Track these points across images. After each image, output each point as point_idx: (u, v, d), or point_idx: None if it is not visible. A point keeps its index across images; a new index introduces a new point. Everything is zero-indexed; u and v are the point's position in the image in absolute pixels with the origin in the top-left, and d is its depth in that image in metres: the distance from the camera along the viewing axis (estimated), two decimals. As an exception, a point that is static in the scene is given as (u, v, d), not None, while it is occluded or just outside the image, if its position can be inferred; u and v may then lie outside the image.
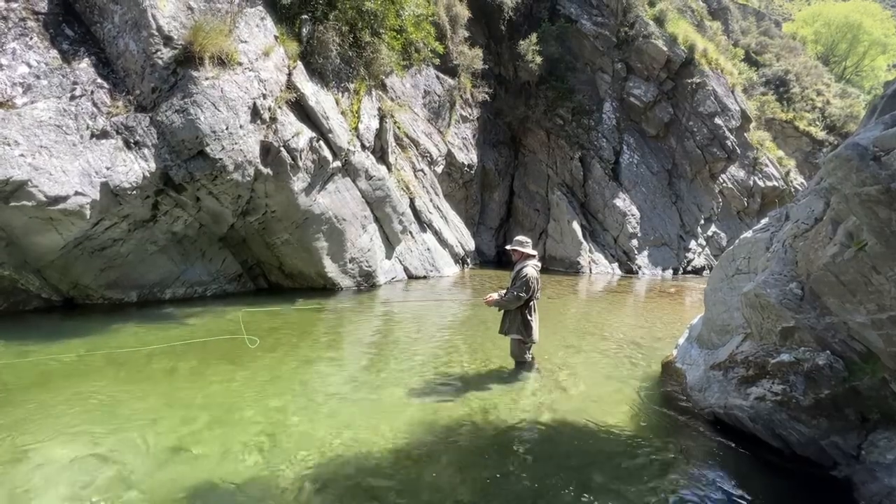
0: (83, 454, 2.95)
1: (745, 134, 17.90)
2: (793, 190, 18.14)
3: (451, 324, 7.15)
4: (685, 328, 5.35)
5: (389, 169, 10.62)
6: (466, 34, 14.66)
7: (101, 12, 6.27)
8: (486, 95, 15.17)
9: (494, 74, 16.53)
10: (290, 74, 7.65)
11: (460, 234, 13.19)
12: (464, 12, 14.23)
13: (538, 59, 15.60)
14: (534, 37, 15.75)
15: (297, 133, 7.27)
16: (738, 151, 17.20)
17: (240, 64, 6.66)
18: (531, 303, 4.69)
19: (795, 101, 26.17)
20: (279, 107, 7.22)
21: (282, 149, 7.05)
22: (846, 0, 45.68)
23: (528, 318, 4.68)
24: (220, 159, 6.18)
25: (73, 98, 5.50)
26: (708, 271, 17.18)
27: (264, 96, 6.83)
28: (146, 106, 6.05)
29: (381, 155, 10.49)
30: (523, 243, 4.91)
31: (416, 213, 11.27)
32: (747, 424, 3.07)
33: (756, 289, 3.27)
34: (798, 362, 2.85)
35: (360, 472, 2.90)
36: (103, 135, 5.59)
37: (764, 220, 4.19)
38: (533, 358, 4.92)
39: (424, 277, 11.04)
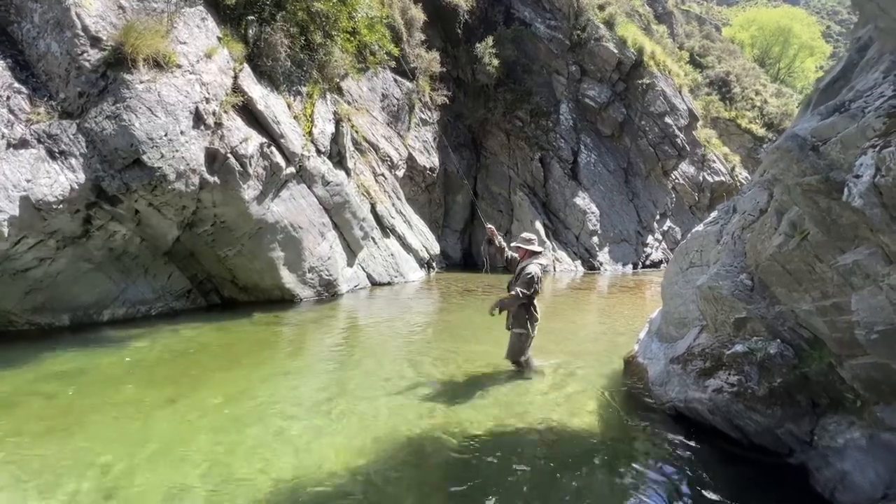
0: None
1: (694, 132, 18.77)
2: (738, 184, 19.14)
3: (416, 332, 6.99)
4: (646, 322, 5.43)
5: (348, 174, 10.35)
6: (423, 37, 14.58)
7: (17, 11, 5.74)
8: (446, 98, 15.14)
9: (453, 77, 16.54)
10: (236, 77, 7.28)
11: (425, 238, 13.05)
12: (419, 15, 14.15)
13: (495, 62, 15.75)
14: (490, 40, 15.89)
15: (245, 139, 6.92)
16: (688, 149, 18.01)
17: (179, 66, 6.25)
18: (534, 298, 4.65)
19: (737, 100, 27.79)
20: (225, 111, 6.85)
21: (229, 155, 6.68)
22: (776, 6, 49.20)
23: (532, 312, 4.64)
24: (160, 168, 5.76)
25: (-16, 104, 4.97)
26: (665, 265, 17.86)
27: (207, 100, 6.45)
28: (72, 112, 5.56)
29: (338, 160, 10.21)
30: (528, 241, 4.80)
31: (378, 219, 11.04)
32: (707, 417, 3.10)
33: (709, 281, 3.32)
34: (751, 352, 2.89)
35: (314, 499, 2.69)
36: (22, 144, 5.08)
37: (713, 214, 4.29)
38: (528, 360, 4.83)
39: (389, 284, 10.82)
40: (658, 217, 18.04)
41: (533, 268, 4.58)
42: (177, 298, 7.21)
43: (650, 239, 17.68)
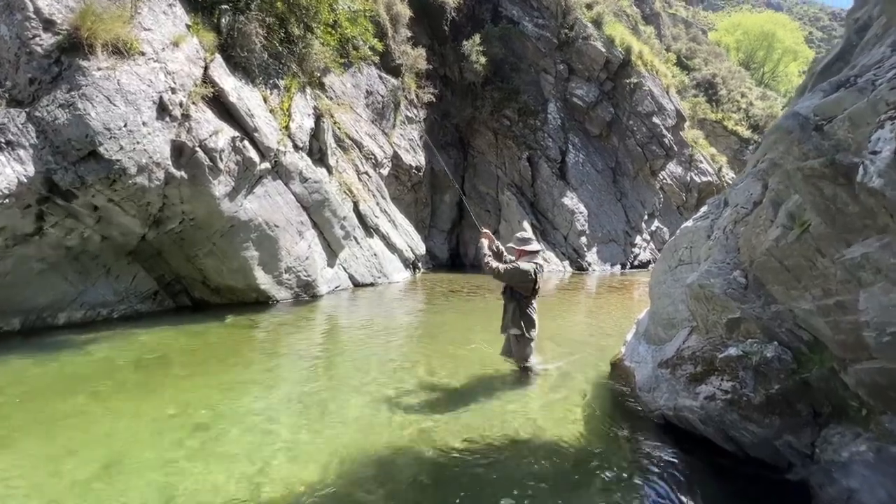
0: None
1: (681, 132, 18.76)
2: (726, 184, 19.18)
3: (396, 334, 6.68)
4: (633, 323, 5.20)
5: (330, 172, 10.01)
6: (409, 34, 14.30)
7: (-37, -8, 5.32)
8: (432, 96, 14.88)
9: (440, 75, 16.30)
10: (206, 68, 6.92)
11: (410, 238, 12.74)
12: (405, 11, 13.87)
13: (482, 60, 15.54)
14: (477, 37, 15.69)
15: (215, 132, 6.56)
16: (676, 149, 17.98)
17: (142, 54, 5.88)
18: (531, 299, 4.45)
19: (723, 102, 28.05)
20: (194, 103, 6.48)
21: (198, 149, 6.32)
22: (761, 12, 49.98)
23: (529, 312, 4.41)
24: (118, 161, 5.38)
25: (-81, 90, 4.56)
26: (654, 265, 17.78)
27: (173, 90, 6.08)
28: (22, 100, 5.16)
29: (319, 157, 9.87)
30: (523, 241, 4.54)
31: (361, 218, 10.71)
32: (698, 427, 2.85)
33: (699, 279, 3.08)
34: (746, 356, 2.65)
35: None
36: (-37, 133, 4.68)
37: (703, 209, 4.07)
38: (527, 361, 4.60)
39: (372, 285, 10.49)
40: (646, 217, 17.97)
41: (524, 264, 4.36)
42: (142, 301, 6.81)
43: (638, 239, 17.59)
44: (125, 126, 5.43)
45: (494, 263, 4.36)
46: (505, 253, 4.74)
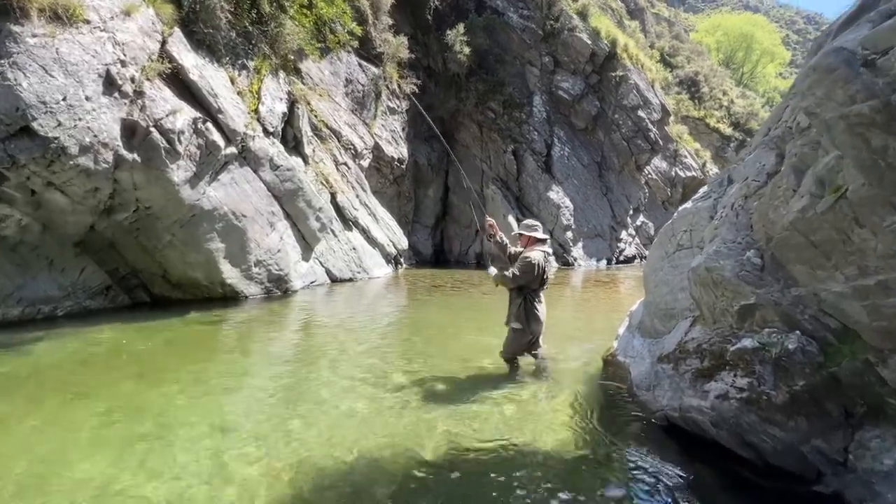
0: None
1: (666, 127, 18.65)
2: (710, 179, 19.20)
3: (372, 332, 6.22)
4: (624, 316, 4.86)
5: (306, 161, 9.48)
6: (391, 22, 13.79)
7: None
8: (415, 87, 14.39)
9: (423, 66, 15.82)
10: (164, 42, 6.35)
11: (392, 232, 12.26)
12: (386, -3, 13.36)
13: (466, 51, 15.12)
14: (461, 27, 15.24)
15: (173, 111, 5.99)
16: (661, 143, 17.86)
17: (87, 22, 5.30)
18: (539, 292, 4.12)
19: (705, 100, 28.26)
20: (148, 79, 5.91)
21: (152, 129, 5.75)
22: (740, 13, 50.82)
23: (533, 306, 4.07)
24: (56, 138, 4.80)
25: None
26: (639, 260, 17.63)
27: (123, 63, 5.50)
28: (-58, 68, 4.55)
29: (294, 145, 9.34)
30: (531, 227, 4.21)
31: (339, 210, 10.20)
32: (709, 430, 2.48)
33: (706, 262, 2.71)
34: (764, 347, 2.29)
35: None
36: None
37: (702, 189, 3.73)
38: (525, 362, 4.25)
39: (350, 280, 9.99)
40: (631, 212, 17.82)
41: (534, 254, 4.00)
42: (92, 296, 6.20)
43: (624, 234, 17.42)
44: (64, 100, 4.85)
45: (509, 273, 3.97)
46: (510, 246, 4.36)
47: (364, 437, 3.01)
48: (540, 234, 4.19)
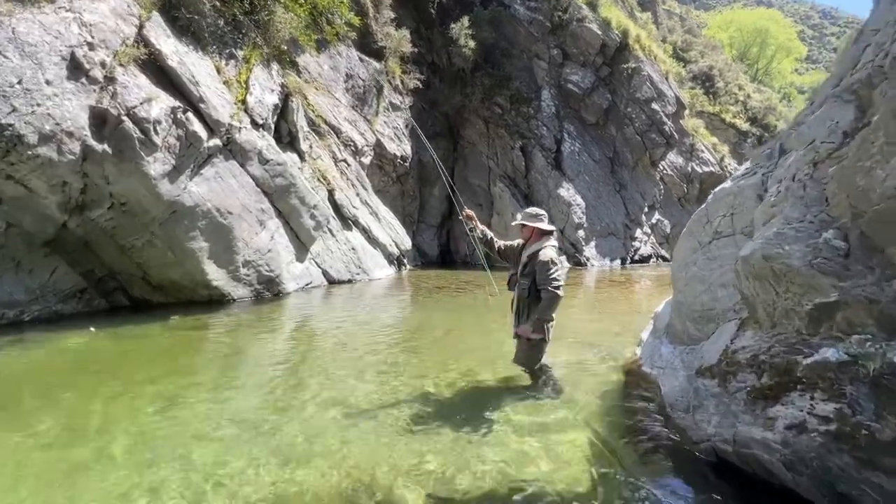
0: None
1: (681, 120, 17.90)
2: (729, 175, 18.35)
3: (366, 338, 5.64)
4: (648, 319, 4.23)
5: (302, 157, 9.02)
6: (392, 15, 13.32)
7: None
8: (418, 82, 13.90)
9: (427, 62, 15.32)
10: (141, 27, 5.92)
11: (395, 232, 11.74)
12: (388, -11, 12.91)
13: (471, 44, 14.59)
14: (466, 20, 14.72)
15: (148, 99, 5.54)
16: (676, 137, 17.10)
17: (51, 1, 4.87)
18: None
19: (720, 94, 27.33)
20: (122, 64, 5.47)
21: (125, 118, 5.30)
22: (753, 9, 49.69)
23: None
24: (11, 126, 4.36)
25: None
26: (655, 259, 16.84)
27: (91, 46, 5.06)
28: None
29: (290, 140, 8.89)
30: (535, 216, 3.54)
31: (337, 208, 9.71)
32: (781, 475, 1.84)
33: (763, 249, 2.10)
34: (855, 361, 1.67)
35: None
36: None
37: (745, 164, 3.10)
38: (540, 369, 3.67)
39: (349, 282, 9.47)
40: (646, 209, 17.05)
41: (549, 251, 3.37)
42: (63, 300, 5.75)
43: (638, 232, 16.67)
44: (20, 83, 4.41)
45: (560, 286, 3.33)
46: (497, 241, 3.77)
47: (338, 472, 2.44)
48: (546, 225, 3.52)
